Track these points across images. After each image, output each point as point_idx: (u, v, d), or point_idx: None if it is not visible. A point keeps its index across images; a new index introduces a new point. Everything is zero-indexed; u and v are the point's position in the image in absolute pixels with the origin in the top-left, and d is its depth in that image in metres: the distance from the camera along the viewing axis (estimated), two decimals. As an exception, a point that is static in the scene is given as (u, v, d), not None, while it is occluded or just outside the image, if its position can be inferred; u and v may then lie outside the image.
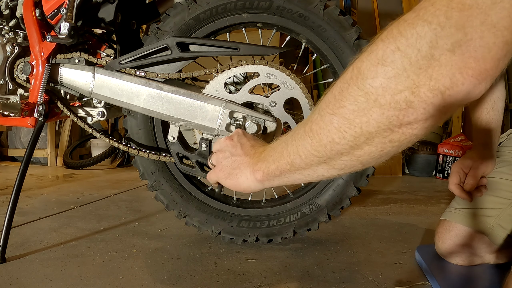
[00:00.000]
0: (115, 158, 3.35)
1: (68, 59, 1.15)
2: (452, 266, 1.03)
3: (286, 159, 0.54)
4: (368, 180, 1.22)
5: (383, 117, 0.40)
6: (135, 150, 1.16)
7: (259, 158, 0.62)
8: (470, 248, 1.02)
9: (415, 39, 0.36)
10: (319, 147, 0.48)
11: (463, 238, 1.01)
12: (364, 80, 0.41)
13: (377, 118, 0.41)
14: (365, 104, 0.41)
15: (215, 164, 0.71)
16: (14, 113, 1.28)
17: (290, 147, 0.54)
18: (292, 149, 0.53)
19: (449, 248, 1.03)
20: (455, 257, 1.04)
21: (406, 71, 0.38)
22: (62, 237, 1.30)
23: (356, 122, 0.43)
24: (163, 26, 1.16)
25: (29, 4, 1.15)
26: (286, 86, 1.10)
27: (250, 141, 0.69)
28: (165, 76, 1.11)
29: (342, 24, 1.14)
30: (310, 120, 0.50)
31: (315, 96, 3.07)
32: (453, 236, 1.03)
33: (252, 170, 0.62)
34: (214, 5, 1.14)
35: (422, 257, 1.06)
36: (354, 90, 0.42)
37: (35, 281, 0.96)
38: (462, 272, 1.01)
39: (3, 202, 1.84)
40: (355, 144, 0.44)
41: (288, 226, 1.23)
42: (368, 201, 1.93)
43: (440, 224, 1.08)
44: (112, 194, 2.07)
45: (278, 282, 0.98)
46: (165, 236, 1.34)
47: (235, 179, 0.65)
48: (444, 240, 1.04)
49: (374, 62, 0.40)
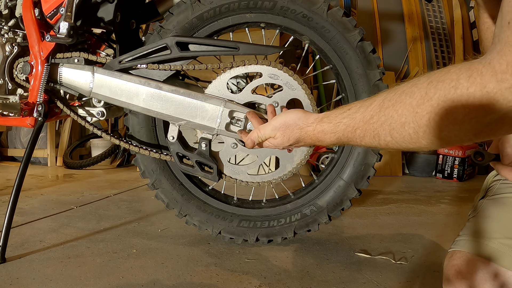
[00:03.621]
0: (115, 158, 3.35)
1: (67, 58, 1.15)
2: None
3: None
4: (369, 181, 1.22)
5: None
6: (136, 148, 1.16)
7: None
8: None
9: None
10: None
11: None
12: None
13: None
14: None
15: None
16: (13, 113, 1.28)
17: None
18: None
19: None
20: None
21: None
22: (62, 237, 1.30)
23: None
24: (166, 25, 1.16)
25: (28, 3, 1.14)
26: (289, 86, 1.09)
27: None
28: (166, 67, 1.10)
29: (345, 26, 1.14)
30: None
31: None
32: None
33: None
34: (218, 4, 1.14)
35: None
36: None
37: (35, 281, 0.96)
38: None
39: (3, 202, 1.84)
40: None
41: (288, 226, 1.23)
42: (368, 201, 1.93)
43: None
44: (112, 194, 2.06)
45: (278, 282, 0.98)
46: (165, 236, 1.34)
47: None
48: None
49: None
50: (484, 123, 0.47)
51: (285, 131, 0.80)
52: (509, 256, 0.70)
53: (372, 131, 0.60)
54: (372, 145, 0.62)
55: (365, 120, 0.61)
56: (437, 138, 0.51)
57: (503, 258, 0.70)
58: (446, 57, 3.49)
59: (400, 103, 0.54)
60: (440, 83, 0.49)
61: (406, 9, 3.47)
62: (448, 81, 0.48)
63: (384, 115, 0.57)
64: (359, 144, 0.65)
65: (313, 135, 0.75)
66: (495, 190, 0.82)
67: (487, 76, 0.44)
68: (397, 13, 3.50)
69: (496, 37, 0.46)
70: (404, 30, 3.50)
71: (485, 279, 0.71)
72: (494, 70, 0.44)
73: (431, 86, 0.50)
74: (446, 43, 3.52)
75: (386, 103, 0.56)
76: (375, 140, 0.60)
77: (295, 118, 0.79)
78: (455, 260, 0.76)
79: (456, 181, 2.71)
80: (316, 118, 0.75)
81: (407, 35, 3.47)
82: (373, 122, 0.59)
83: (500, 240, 0.72)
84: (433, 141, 0.52)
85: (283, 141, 0.81)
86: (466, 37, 3.38)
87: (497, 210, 0.77)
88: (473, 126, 0.48)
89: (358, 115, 0.63)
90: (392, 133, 0.56)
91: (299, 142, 0.80)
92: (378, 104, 0.58)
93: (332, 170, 1.23)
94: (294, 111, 0.81)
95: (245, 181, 1.16)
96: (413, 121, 0.52)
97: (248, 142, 0.88)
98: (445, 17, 3.54)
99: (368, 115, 0.60)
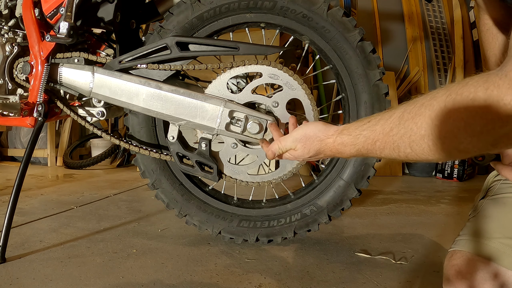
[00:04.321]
0: (115, 158, 3.35)
1: (67, 58, 1.15)
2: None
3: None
4: (369, 181, 1.22)
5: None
6: (136, 148, 1.16)
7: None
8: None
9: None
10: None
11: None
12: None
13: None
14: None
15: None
16: (13, 113, 1.28)
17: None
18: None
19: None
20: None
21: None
22: (62, 237, 1.30)
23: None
24: (166, 25, 1.16)
25: (28, 3, 1.14)
26: (289, 86, 1.09)
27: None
28: (166, 67, 1.10)
29: (345, 26, 1.14)
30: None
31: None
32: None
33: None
34: (218, 4, 1.14)
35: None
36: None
37: (35, 281, 0.96)
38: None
39: (3, 202, 1.84)
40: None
41: (288, 226, 1.23)
42: (368, 201, 1.93)
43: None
44: (112, 194, 2.06)
45: (278, 282, 0.98)
46: (165, 236, 1.34)
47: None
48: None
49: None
50: (502, 134, 0.48)
51: (306, 143, 0.80)
52: (509, 256, 0.71)
53: (392, 143, 0.60)
54: (392, 156, 0.62)
55: (385, 133, 0.61)
56: (456, 149, 0.52)
57: (503, 257, 0.71)
58: (446, 57, 3.49)
59: (420, 116, 0.54)
60: (458, 96, 0.50)
61: (406, 9, 3.47)
62: (466, 94, 0.49)
63: (403, 128, 0.57)
64: (379, 156, 0.65)
65: (333, 147, 0.75)
66: (495, 190, 0.83)
67: (504, 89, 0.45)
68: (397, 13, 3.50)
69: (511, 49, 0.47)
70: (404, 30, 3.50)
71: (485, 278, 0.71)
72: (510, 82, 0.45)
73: (449, 99, 0.51)
74: (446, 43, 3.52)
75: (406, 116, 0.57)
76: (395, 152, 0.61)
77: (316, 130, 0.79)
78: (455, 260, 0.76)
79: (456, 181, 2.71)
80: (336, 130, 0.76)
81: (407, 35, 3.47)
82: (393, 135, 0.60)
83: (500, 240, 0.72)
84: (452, 153, 0.53)
85: (303, 153, 0.81)
86: (466, 37, 3.38)
87: (497, 210, 0.78)
88: (491, 137, 0.49)
89: (378, 127, 0.64)
90: (412, 145, 0.57)
91: (319, 154, 0.80)
92: (398, 116, 0.59)
93: (332, 170, 1.23)
94: (315, 123, 0.82)
95: (245, 181, 1.16)
96: (432, 134, 0.53)
97: (269, 153, 0.88)
98: (445, 17, 3.54)
99: (388, 128, 0.61)
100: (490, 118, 0.47)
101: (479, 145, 0.50)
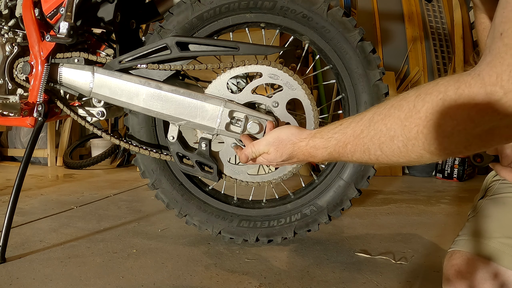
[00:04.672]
0: (115, 158, 3.35)
1: (67, 58, 1.15)
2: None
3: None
4: (369, 181, 1.22)
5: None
6: (136, 148, 1.16)
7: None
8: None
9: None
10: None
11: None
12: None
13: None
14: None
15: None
16: (13, 113, 1.28)
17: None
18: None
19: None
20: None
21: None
22: (62, 237, 1.30)
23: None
24: (166, 25, 1.16)
25: (28, 3, 1.14)
26: (289, 86, 1.09)
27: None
28: (166, 67, 1.10)
29: (345, 26, 1.14)
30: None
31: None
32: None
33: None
34: (218, 4, 1.14)
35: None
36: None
37: (35, 281, 0.96)
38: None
39: (3, 202, 1.84)
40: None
41: (288, 226, 1.23)
42: (368, 201, 1.93)
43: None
44: (112, 194, 2.06)
45: (278, 282, 0.98)
46: (165, 236, 1.34)
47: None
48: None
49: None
50: (474, 135, 0.46)
51: (278, 146, 0.79)
52: (509, 256, 0.71)
53: (362, 146, 0.59)
54: (363, 160, 0.61)
55: (356, 135, 0.61)
56: (426, 151, 0.50)
57: (503, 257, 0.70)
58: (446, 57, 3.49)
59: (389, 117, 0.54)
60: (428, 95, 0.48)
61: (406, 9, 3.47)
62: (435, 94, 0.47)
63: (373, 129, 0.56)
64: (350, 159, 0.64)
65: (305, 150, 0.75)
66: (494, 190, 0.82)
67: (476, 88, 0.44)
68: (397, 13, 3.50)
69: (487, 48, 0.45)
70: (404, 30, 3.50)
71: (485, 278, 0.71)
72: (483, 82, 0.43)
73: (419, 99, 0.49)
74: (446, 43, 3.52)
75: (376, 117, 0.56)
76: (365, 154, 0.59)
77: (289, 134, 0.79)
78: (455, 260, 0.76)
79: (456, 181, 2.71)
80: (309, 133, 0.75)
81: (407, 35, 3.47)
82: (363, 137, 0.59)
83: (500, 239, 0.72)
84: (422, 155, 0.51)
85: (276, 156, 0.80)
86: (466, 37, 3.38)
87: (496, 210, 0.78)
88: (462, 138, 0.47)
89: (349, 130, 0.63)
90: (382, 147, 0.56)
91: (292, 158, 0.79)
92: (368, 118, 0.58)
93: (332, 170, 1.23)
94: (289, 127, 0.81)
95: (245, 181, 1.16)
96: (402, 135, 0.52)
97: (242, 157, 0.87)
98: (445, 17, 3.54)
99: (358, 130, 0.60)
100: (461, 119, 0.45)
101: (450, 147, 0.48)
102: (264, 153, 0.84)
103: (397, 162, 0.56)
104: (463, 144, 0.48)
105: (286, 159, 0.80)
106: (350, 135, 0.62)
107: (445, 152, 0.49)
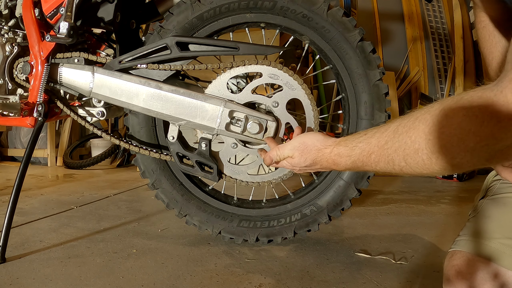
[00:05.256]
0: (115, 158, 3.35)
1: (67, 58, 1.15)
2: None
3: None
4: (369, 181, 1.22)
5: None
6: (136, 148, 1.16)
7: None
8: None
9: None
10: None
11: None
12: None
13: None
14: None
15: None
16: (13, 113, 1.28)
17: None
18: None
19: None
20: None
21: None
22: (62, 237, 1.30)
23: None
24: (166, 25, 1.16)
25: (28, 3, 1.14)
26: (289, 86, 1.09)
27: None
28: (166, 67, 1.11)
29: (345, 26, 1.14)
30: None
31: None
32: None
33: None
34: (218, 4, 1.14)
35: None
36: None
37: (35, 281, 0.96)
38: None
39: (3, 202, 1.84)
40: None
41: (288, 226, 1.23)
42: (368, 201, 1.93)
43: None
44: (112, 194, 2.06)
45: (278, 282, 0.98)
46: (165, 236, 1.34)
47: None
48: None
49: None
50: (496, 150, 0.47)
51: (303, 152, 0.80)
52: (509, 256, 0.71)
53: (386, 157, 0.60)
54: (386, 170, 0.62)
55: (380, 145, 0.62)
56: (450, 164, 0.51)
57: (503, 258, 0.70)
58: (446, 57, 3.49)
59: (414, 130, 0.54)
60: (451, 112, 0.49)
61: (406, 9, 3.48)
62: (459, 110, 0.48)
63: (398, 141, 0.57)
64: (374, 169, 0.65)
65: (329, 158, 0.75)
66: (495, 190, 0.82)
67: (498, 106, 0.44)
68: (397, 13, 3.50)
69: (508, 63, 0.45)
70: (404, 30, 3.50)
71: (485, 279, 0.71)
72: (506, 99, 0.44)
73: (442, 114, 0.50)
74: (446, 43, 3.52)
75: (400, 129, 0.57)
76: (389, 165, 0.60)
77: (314, 140, 0.80)
78: (455, 260, 0.76)
79: (456, 181, 2.71)
80: (334, 141, 0.76)
81: (407, 35, 3.48)
82: (388, 148, 0.60)
83: (500, 240, 0.72)
84: (446, 167, 0.52)
85: (300, 161, 0.81)
86: (466, 37, 3.38)
87: (497, 210, 0.77)
88: (485, 153, 0.48)
89: (373, 140, 0.64)
90: (406, 159, 0.57)
91: (316, 165, 0.80)
92: (393, 130, 0.59)
93: (332, 170, 1.23)
94: (315, 133, 0.82)
95: (245, 181, 1.16)
96: (426, 148, 0.53)
97: (267, 159, 0.88)
98: (445, 17, 3.54)
99: (383, 141, 0.61)
100: (484, 135, 0.46)
101: (473, 160, 0.49)
102: (288, 157, 0.84)
103: (420, 173, 0.57)
104: (486, 157, 0.49)
105: (309, 164, 0.81)
106: (375, 145, 0.63)
107: (468, 165, 0.51)
